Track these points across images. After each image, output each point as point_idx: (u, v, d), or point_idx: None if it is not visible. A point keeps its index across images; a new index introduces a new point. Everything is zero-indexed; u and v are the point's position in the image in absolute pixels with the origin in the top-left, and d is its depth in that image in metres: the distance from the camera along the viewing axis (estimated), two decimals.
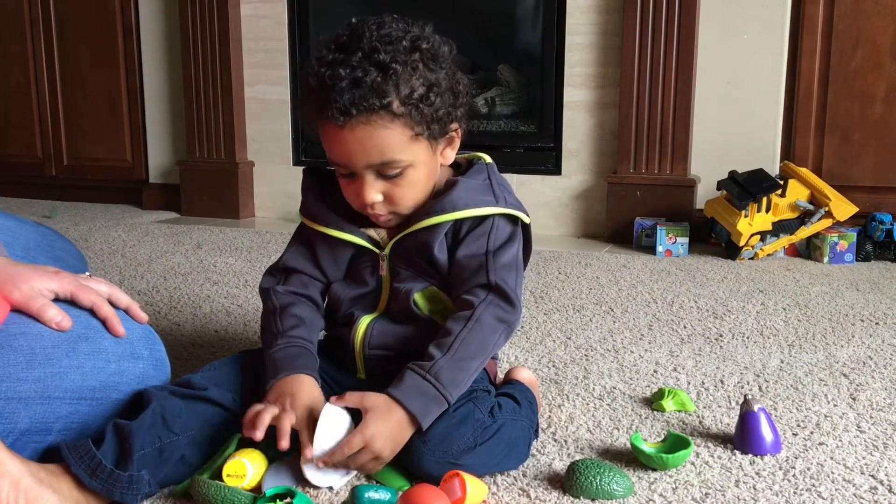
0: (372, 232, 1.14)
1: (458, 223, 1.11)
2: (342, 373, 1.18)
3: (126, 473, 0.94)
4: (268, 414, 1.01)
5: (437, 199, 1.11)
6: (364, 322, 1.15)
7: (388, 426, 0.99)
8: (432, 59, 1.05)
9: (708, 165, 2.73)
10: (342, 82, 1.00)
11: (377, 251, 1.14)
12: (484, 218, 1.11)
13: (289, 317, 1.14)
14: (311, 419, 1.01)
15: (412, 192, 1.09)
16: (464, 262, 1.11)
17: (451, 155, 1.13)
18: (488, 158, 1.18)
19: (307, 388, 1.06)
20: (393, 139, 1.03)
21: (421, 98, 1.03)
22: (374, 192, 1.07)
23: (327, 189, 1.16)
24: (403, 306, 1.14)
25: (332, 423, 1.01)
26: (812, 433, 1.21)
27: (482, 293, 1.09)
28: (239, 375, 1.11)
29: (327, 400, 1.03)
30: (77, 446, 0.94)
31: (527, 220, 1.15)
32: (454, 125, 1.10)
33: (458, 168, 1.18)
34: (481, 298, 1.08)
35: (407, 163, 1.05)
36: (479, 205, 1.10)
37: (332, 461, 0.98)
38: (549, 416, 1.27)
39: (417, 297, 1.14)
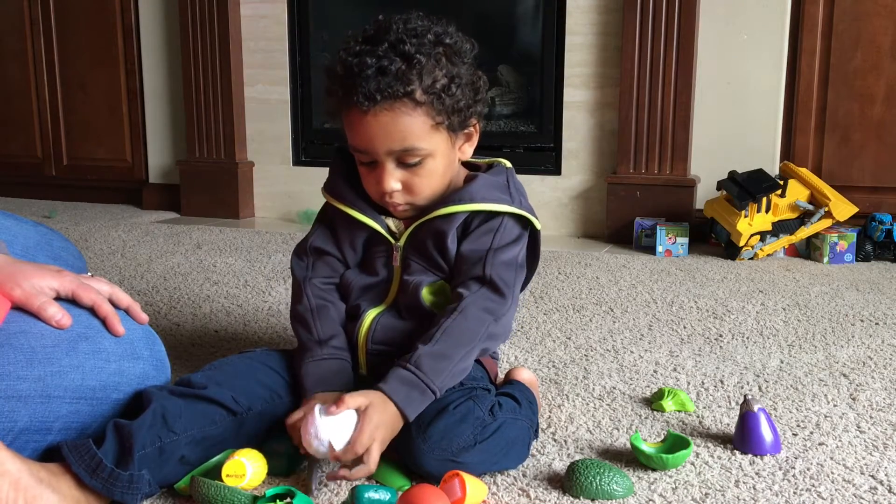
0: (390, 221, 1.16)
1: (470, 217, 1.14)
2: None
3: (126, 473, 0.94)
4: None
5: (456, 191, 1.13)
6: (369, 316, 1.16)
7: (385, 417, 1.01)
8: (455, 54, 1.09)
9: (708, 165, 2.73)
10: (368, 70, 1.03)
11: (392, 241, 1.16)
12: (494, 215, 1.13)
13: (327, 321, 1.16)
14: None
15: (430, 182, 1.11)
16: (466, 254, 1.13)
17: (468, 151, 1.16)
18: (508, 163, 1.21)
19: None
20: (414, 126, 1.06)
21: (443, 88, 1.06)
22: (393, 181, 1.09)
23: (353, 172, 1.18)
24: (412, 300, 1.15)
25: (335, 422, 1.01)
26: (812, 433, 1.21)
27: (475, 286, 1.11)
28: (239, 374, 1.12)
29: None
30: (78, 445, 0.94)
31: (538, 225, 1.17)
32: (473, 120, 1.13)
33: (478, 171, 1.20)
34: (472, 291, 1.10)
35: (427, 151, 1.08)
36: (495, 201, 1.13)
37: (344, 458, 0.99)
38: (549, 416, 1.27)
39: (425, 291, 1.15)
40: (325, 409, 1.00)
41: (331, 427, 0.99)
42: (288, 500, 0.93)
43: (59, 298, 1.03)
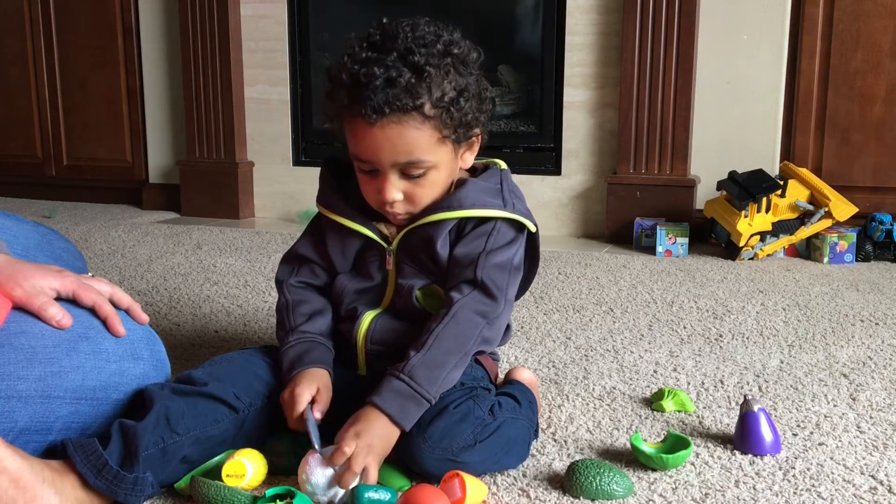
0: (382, 226, 1.16)
1: (463, 222, 1.13)
2: (342, 369, 1.18)
3: (132, 475, 0.94)
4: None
5: (446, 196, 1.12)
6: (367, 318, 1.16)
7: (375, 425, 1.00)
8: (462, 64, 1.07)
9: (708, 165, 2.73)
10: (377, 81, 1.01)
11: (385, 245, 1.15)
12: (487, 219, 1.12)
13: (300, 314, 1.18)
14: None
15: (431, 192, 1.10)
16: (459, 258, 1.12)
17: (470, 159, 1.15)
18: (504, 165, 1.20)
19: (317, 378, 1.10)
20: (422, 140, 1.04)
21: (451, 102, 1.04)
22: (395, 191, 1.08)
23: (343, 180, 1.18)
24: (407, 302, 1.15)
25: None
26: (812, 433, 1.21)
27: (466, 289, 1.10)
28: (239, 370, 1.12)
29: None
30: (83, 444, 0.94)
31: (532, 228, 1.16)
32: (477, 130, 1.12)
33: (475, 172, 1.20)
34: (463, 294, 1.10)
35: (431, 164, 1.07)
36: (485, 206, 1.12)
37: (335, 462, 0.98)
38: (549, 416, 1.27)
39: (418, 293, 1.15)
40: (320, 460, 0.99)
41: (327, 481, 0.99)
42: (288, 500, 0.93)
43: (59, 299, 1.03)
